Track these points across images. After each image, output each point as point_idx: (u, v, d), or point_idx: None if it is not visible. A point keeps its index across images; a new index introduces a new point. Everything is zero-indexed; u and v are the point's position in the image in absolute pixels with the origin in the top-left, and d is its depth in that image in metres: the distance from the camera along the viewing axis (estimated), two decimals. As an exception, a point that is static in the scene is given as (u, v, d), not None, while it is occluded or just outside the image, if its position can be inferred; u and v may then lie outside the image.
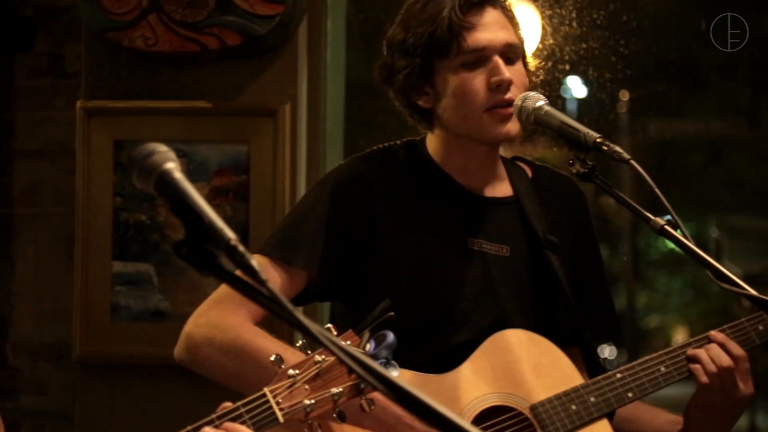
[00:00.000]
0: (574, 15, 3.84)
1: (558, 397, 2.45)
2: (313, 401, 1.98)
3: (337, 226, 2.46)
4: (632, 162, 2.41)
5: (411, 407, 1.39)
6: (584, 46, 3.86)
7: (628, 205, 2.47)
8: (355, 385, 2.00)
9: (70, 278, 3.49)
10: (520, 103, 2.49)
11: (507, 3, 2.52)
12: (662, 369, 2.48)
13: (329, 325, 1.99)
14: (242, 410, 1.96)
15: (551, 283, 2.57)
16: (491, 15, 2.47)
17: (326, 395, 1.99)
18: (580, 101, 4.30)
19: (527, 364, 2.47)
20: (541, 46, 3.79)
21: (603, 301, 2.70)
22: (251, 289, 1.55)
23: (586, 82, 4.03)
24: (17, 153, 3.71)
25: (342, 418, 2.01)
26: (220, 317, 2.41)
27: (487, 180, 2.58)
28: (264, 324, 2.40)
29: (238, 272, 1.54)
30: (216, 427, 1.94)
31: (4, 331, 3.68)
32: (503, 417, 2.41)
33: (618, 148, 2.42)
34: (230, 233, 1.54)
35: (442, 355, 2.43)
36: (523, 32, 2.56)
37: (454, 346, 2.45)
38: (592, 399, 2.45)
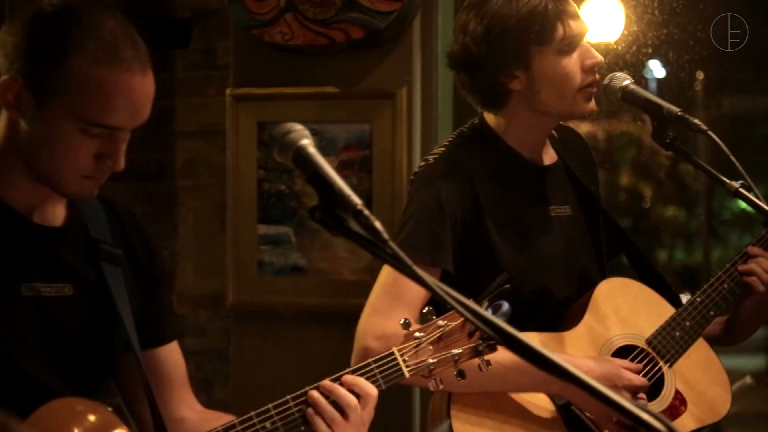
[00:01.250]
0: (656, 4, 3.74)
1: (663, 328, 2.45)
2: (435, 360, 1.96)
3: (458, 219, 2.37)
4: (709, 132, 2.37)
5: (530, 359, 1.35)
6: (665, 31, 3.77)
7: (706, 170, 2.42)
8: (474, 347, 1.98)
9: (223, 239, 3.53)
10: (608, 82, 2.44)
11: None
12: (725, 286, 2.48)
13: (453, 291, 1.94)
14: (373, 365, 1.95)
15: (597, 227, 2.56)
16: (572, 4, 2.40)
17: (447, 355, 1.97)
18: (661, 80, 4.20)
19: (629, 305, 2.47)
20: (626, 32, 3.70)
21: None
22: (374, 245, 1.54)
23: (667, 63, 3.93)
24: (178, 134, 3.76)
25: (462, 375, 1.98)
26: (393, 327, 2.24)
27: (543, 150, 2.52)
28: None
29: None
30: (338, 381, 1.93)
31: (171, 283, 3.74)
32: (632, 355, 2.42)
33: (697, 121, 2.38)
34: (357, 199, 1.53)
35: (549, 314, 2.41)
36: None
37: (557, 303, 2.43)
38: (688, 323, 2.46)
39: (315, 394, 1.91)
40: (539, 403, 2.32)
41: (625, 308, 2.46)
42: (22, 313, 1.84)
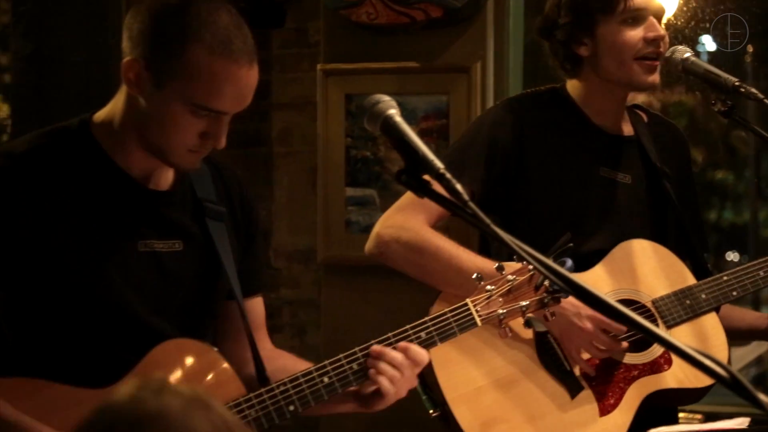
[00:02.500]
0: (712, -20, 3.62)
1: (675, 293, 2.35)
2: (505, 311, 1.95)
3: (495, 152, 2.38)
4: (766, 100, 2.29)
5: (592, 304, 1.32)
6: (722, 7, 3.63)
7: (761, 135, 2.35)
8: (540, 300, 1.96)
9: (314, 200, 3.53)
10: (670, 54, 2.38)
11: None
12: (761, 273, 2.37)
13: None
14: (449, 315, 1.95)
15: (663, 205, 2.46)
16: None
17: (516, 307, 1.95)
18: (715, 53, 4.07)
19: (649, 267, 2.37)
20: (685, 8, 3.58)
21: (698, 220, 2.59)
22: (455, 206, 1.51)
23: (724, 36, 3.78)
24: (273, 106, 3.76)
25: (529, 325, 1.97)
26: (404, 220, 2.36)
27: (617, 121, 2.47)
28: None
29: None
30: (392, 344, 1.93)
31: (268, 240, 3.76)
32: (630, 309, 2.32)
33: (753, 90, 2.31)
34: (439, 163, 1.52)
35: (576, 258, 2.35)
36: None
37: (585, 253, 2.34)
38: (703, 296, 2.35)
39: (372, 357, 1.91)
40: (517, 322, 2.25)
41: (644, 269, 2.36)
42: (138, 266, 1.87)
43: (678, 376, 2.30)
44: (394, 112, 1.60)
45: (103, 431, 0.89)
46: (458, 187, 1.49)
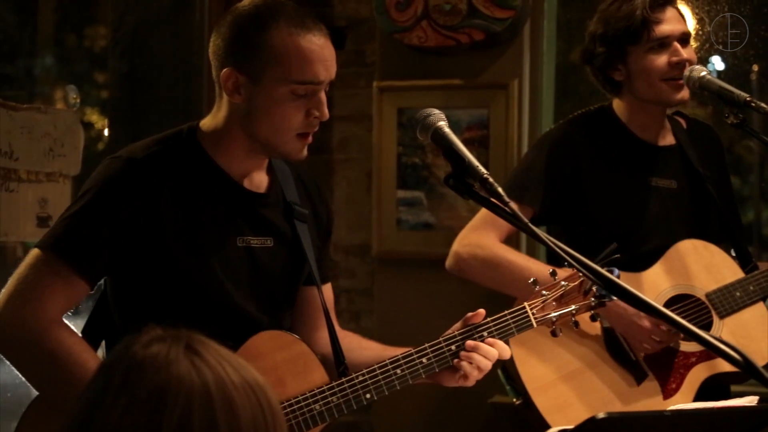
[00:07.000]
0: (726, 9, 3.54)
1: (726, 287, 2.35)
2: (557, 313, 1.93)
3: (555, 173, 2.39)
4: (774, 114, 2.25)
5: (635, 305, 1.32)
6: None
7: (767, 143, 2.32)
8: (587, 304, 1.94)
9: (369, 201, 3.53)
10: (688, 73, 2.37)
11: (679, 2, 2.43)
12: None
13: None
14: (508, 317, 1.92)
15: (707, 205, 2.45)
16: (671, 11, 2.38)
17: (567, 310, 1.93)
18: (722, 72, 3.99)
19: (701, 264, 2.37)
20: (700, 32, 3.52)
21: (736, 212, 2.56)
22: (497, 207, 1.50)
23: (734, 57, 3.71)
24: (334, 118, 3.73)
25: (576, 325, 1.95)
26: (478, 238, 2.38)
27: (659, 132, 2.46)
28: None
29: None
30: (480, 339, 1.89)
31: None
32: (686, 302, 2.34)
33: (763, 104, 2.28)
34: (483, 169, 1.52)
35: (634, 259, 2.34)
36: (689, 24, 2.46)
37: (642, 254, 2.36)
38: (751, 288, 2.35)
39: (467, 349, 1.88)
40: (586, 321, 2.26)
41: (697, 266, 2.36)
42: (236, 259, 1.85)
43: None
44: (443, 124, 1.60)
45: (106, 370, 1.01)
46: (499, 189, 1.49)
